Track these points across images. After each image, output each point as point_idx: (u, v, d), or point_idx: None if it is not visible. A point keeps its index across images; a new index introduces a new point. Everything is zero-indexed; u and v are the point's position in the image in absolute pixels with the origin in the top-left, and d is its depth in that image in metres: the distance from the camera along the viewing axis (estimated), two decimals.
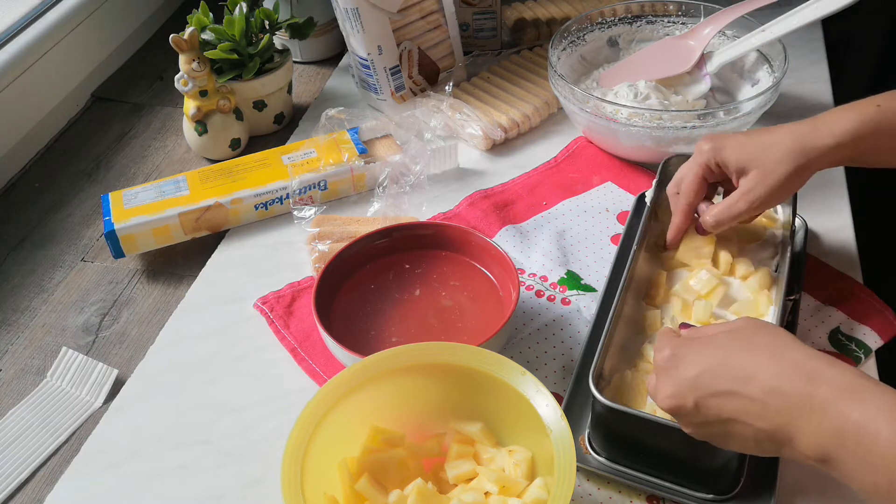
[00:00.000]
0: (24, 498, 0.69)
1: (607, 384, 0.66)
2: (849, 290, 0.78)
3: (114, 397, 0.75)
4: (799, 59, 1.08)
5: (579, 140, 1.00)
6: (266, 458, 0.68)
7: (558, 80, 0.94)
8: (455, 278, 0.81)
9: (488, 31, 1.15)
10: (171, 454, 0.70)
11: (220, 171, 0.93)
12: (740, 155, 0.70)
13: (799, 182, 0.70)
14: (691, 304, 0.73)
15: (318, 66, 1.20)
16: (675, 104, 0.94)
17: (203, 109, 0.98)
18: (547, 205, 0.91)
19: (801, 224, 0.81)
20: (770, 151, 0.69)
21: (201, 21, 0.98)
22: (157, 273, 0.88)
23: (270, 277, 0.85)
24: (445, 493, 0.62)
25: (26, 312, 0.85)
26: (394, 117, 0.99)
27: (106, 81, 1.19)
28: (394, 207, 0.89)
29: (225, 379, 0.76)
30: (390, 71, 1.03)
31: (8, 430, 0.73)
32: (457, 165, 0.97)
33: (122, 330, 0.82)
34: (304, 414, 0.60)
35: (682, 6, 1.05)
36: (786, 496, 0.63)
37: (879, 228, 1.13)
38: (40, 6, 1.10)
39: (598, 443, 0.66)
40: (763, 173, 0.69)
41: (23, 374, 0.78)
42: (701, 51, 0.97)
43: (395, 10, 1.00)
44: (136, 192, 0.90)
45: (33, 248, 0.93)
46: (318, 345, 0.77)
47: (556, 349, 0.76)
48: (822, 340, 0.75)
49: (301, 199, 0.91)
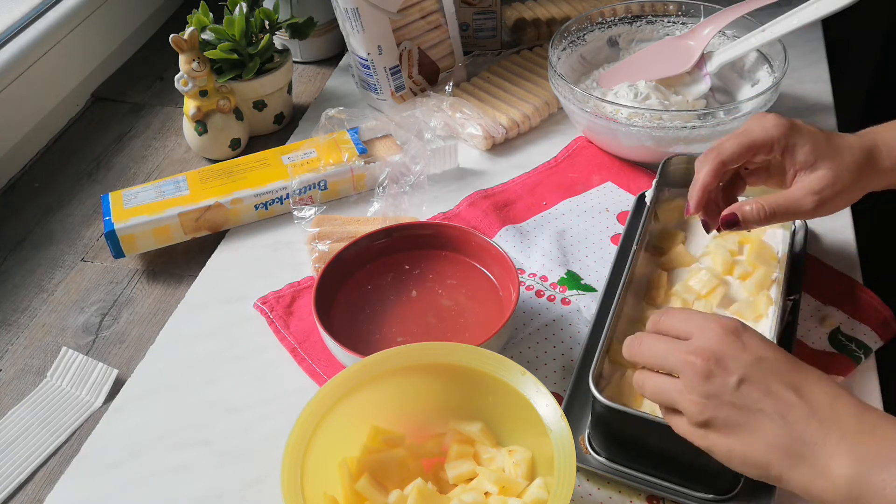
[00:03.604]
0: (24, 498, 0.69)
1: (607, 384, 0.66)
2: (849, 290, 0.78)
3: (114, 397, 0.75)
4: (799, 59, 1.08)
5: (579, 140, 1.00)
6: (266, 458, 0.68)
7: (558, 80, 0.94)
8: (455, 278, 0.81)
9: (488, 31, 1.15)
10: (171, 454, 0.70)
11: (220, 171, 0.93)
12: (814, 147, 0.65)
13: (855, 198, 0.67)
14: (691, 304, 0.73)
15: (318, 66, 1.20)
16: (675, 104, 0.94)
17: (203, 109, 0.98)
18: (547, 205, 0.91)
19: (800, 224, 0.81)
20: (844, 156, 0.65)
21: (201, 21, 0.98)
22: (157, 273, 0.89)
23: (270, 277, 0.85)
24: (445, 493, 0.62)
25: (26, 312, 0.85)
26: (394, 117, 0.99)
27: (106, 81, 1.19)
28: (394, 207, 0.89)
29: (225, 379, 0.76)
30: (390, 71, 1.03)
31: (8, 430, 0.73)
32: (457, 165, 0.97)
33: (122, 330, 0.82)
34: (304, 414, 0.60)
35: (682, 6, 1.05)
36: (786, 496, 0.63)
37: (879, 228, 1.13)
38: (40, 6, 1.10)
39: (598, 443, 0.66)
40: (836, 176, 0.65)
41: (23, 374, 0.78)
42: (701, 51, 0.97)
43: (395, 10, 1.00)
44: (136, 192, 0.90)
45: (33, 248, 0.93)
46: (318, 345, 0.77)
47: (556, 349, 0.76)
48: (822, 340, 0.75)
49: (301, 199, 0.91)
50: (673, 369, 0.55)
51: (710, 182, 0.67)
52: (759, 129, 0.66)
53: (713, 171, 0.67)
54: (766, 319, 0.71)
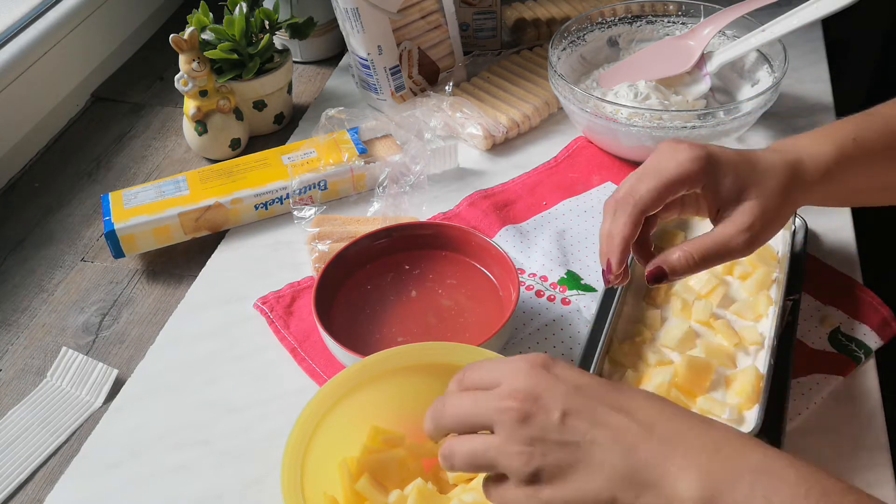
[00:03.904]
0: (24, 498, 0.69)
1: None
2: (849, 290, 0.78)
3: (114, 397, 0.75)
4: (799, 59, 1.08)
5: (579, 140, 1.00)
6: (266, 458, 0.68)
7: (558, 80, 0.94)
8: (455, 278, 0.81)
9: (488, 31, 1.15)
10: (171, 454, 0.70)
11: (220, 171, 0.93)
12: (736, 178, 0.58)
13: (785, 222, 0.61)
14: (691, 303, 0.73)
15: (318, 66, 1.20)
16: (675, 104, 0.94)
17: (203, 109, 0.98)
18: (547, 205, 0.91)
19: (801, 224, 0.81)
20: (768, 180, 0.58)
21: (201, 21, 0.98)
22: (157, 273, 0.88)
23: (270, 277, 0.85)
24: (445, 493, 0.62)
25: (26, 312, 0.85)
26: (394, 117, 0.99)
27: (106, 81, 1.19)
28: (394, 207, 0.89)
29: (225, 379, 0.76)
30: (390, 71, 1.03)
31: (8, 430, 0.73)
32: (457, 165, 0.97)
33: (122, 330, 0.82)
34: (304, 414, 0.60)
35: (682, 6, 1.05)
36: None
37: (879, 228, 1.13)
38: (40, 6, 1.10)
39: None
40: (764, 205, 0.58)
41: (23, 374, 0.78)
42: (701, 51, 0.97)
43: (395, 10, 1.00)
44: (136, 192, 0.90)
45: (33, 248, 0.93)
46: (318, 345, 0.77)
47: (556, 349, 0.76)
48: (822, 340, 0.75)
49: (301, 199, 0.91)
50: (486, 423, 0.48)
51: (631, 235, 0.58)
52: (674, 165, 0.58)
53: (632, 223, 0.58)
54: (766, 319, 0.71)
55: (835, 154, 0.61)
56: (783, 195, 0.59)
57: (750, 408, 0.63)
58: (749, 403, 0.64)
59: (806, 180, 0.60)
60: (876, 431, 0.67)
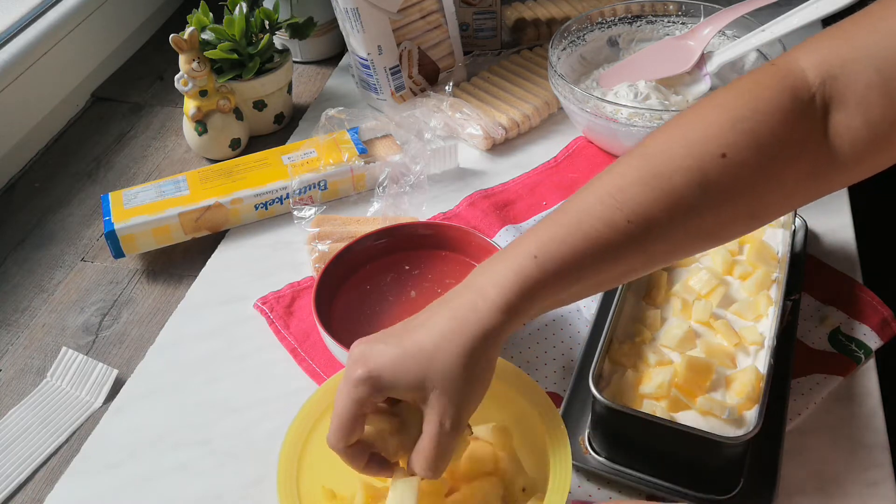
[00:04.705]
0: (24, 498, 0.69)
1: (607, 384, 0.66)
2: (849, 290, 0.78)
3: (114, 397, 0.75)
4: None
5: (579, 140, 1.00)
6: (266, 458, 0.68)
7: (558, 80, 0.94)
8: (455, 278, 0.81)
9: (488, 31, 1.15)
10: (171, 454, 0.70)
11: (220, 171, 0.93)
12: (406, 378, 0.53)
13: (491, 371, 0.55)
14: (691, 303, 0.73)
15: (318, 66, 1.20)
16: (675, 104, 0.94)
17: (203, 109, 0.98)
18: (547, 205, 0.91)
19: (801, 224, 0.81)
20: (438, 361, 0.52)
21: (201, 21, 0.98)
22: (157, 273, 0.88)
23: (270, 277, 0.85)
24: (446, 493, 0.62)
25: (26, 312, 0.85)
26: (394, 117, 0.99)
27: (106, 81, 1.19)
28: (394, 207, 0.89)
29: (225, 379, 0.76)
30: (390, 71, 1.03)
31: (8, 430, 0.73)
32: (457, 165, 0.97)
33: (122, 330, 0.82)
34: (303, 412, 0.60)
35: (682, 6, 1.05)
36: (786, 496, 0.63)
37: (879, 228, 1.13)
38: (40, 6, 1.10)
39: (598, 443, 0.66)
40: (446, 393, 0.52)
41: (23, 374, 0.78)
42: (701, 51, 0.97)
43: (395, 9, 1.00)
44: (136, 192, 0.90)
45: (33, 248, 0.93)
46: (318, 345, 0.77)
47: (556, 349, 0.76)
48: (822, 340, 0.75)
49: (301, 199, 0.91)
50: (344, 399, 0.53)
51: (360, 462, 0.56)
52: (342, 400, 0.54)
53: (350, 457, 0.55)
54: (766, 319, 0.71)
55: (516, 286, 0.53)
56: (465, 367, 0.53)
57: (750, 408, 0.63)
58: (749, 403, 0.64)
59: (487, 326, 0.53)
60: (876, 431, 0.67)
